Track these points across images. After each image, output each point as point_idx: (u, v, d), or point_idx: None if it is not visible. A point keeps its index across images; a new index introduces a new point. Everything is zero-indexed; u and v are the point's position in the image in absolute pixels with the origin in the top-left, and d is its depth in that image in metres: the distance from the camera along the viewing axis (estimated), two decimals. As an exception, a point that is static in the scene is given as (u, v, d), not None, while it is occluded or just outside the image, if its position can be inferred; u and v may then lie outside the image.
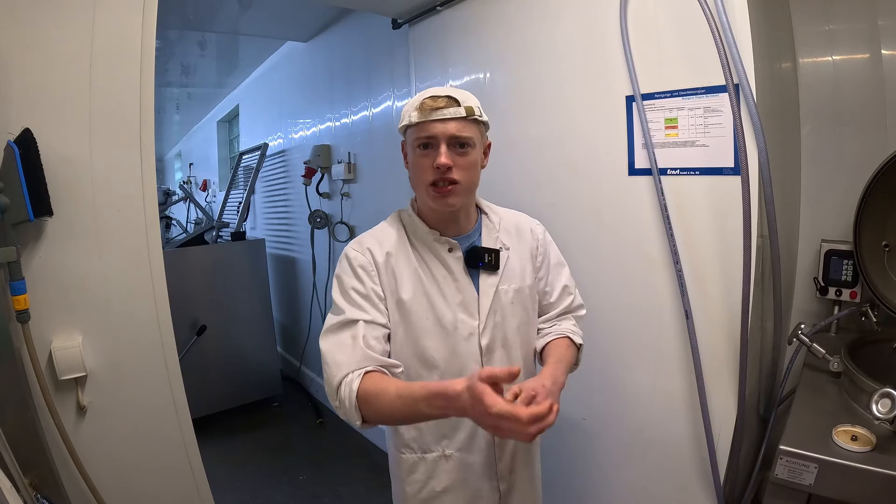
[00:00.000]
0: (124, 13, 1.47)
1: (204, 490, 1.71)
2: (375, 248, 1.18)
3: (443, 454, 1.22)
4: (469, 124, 1.13)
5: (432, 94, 1.13)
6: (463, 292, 1.19)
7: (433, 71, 2.40)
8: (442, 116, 1.10)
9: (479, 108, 1.15)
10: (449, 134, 1.11)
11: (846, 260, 1.62)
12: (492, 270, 1.22)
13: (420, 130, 1.12)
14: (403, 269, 1.18)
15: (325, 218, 3.60)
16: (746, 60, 1.33)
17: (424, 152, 1.14)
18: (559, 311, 1.35)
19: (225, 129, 6.43)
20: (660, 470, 1.66)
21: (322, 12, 3.25)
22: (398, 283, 1.17)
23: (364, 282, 1.15)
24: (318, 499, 2.78)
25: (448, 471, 1.22)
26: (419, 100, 1.14)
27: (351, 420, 1.05)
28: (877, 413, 1.06)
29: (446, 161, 1.10)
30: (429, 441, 1.22)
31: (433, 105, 1.11)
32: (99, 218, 1.47)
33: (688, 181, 1.50)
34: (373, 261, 1.17)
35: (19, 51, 1.35)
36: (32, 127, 1.34)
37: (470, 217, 1.26)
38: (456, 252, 1.21)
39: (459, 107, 1.11)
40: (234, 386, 3.74)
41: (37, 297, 1.39)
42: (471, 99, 1.15)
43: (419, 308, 1.17)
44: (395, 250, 1.19)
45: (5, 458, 1.24)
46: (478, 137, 1.16)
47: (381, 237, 1.22)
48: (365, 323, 1.11)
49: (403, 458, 1.24)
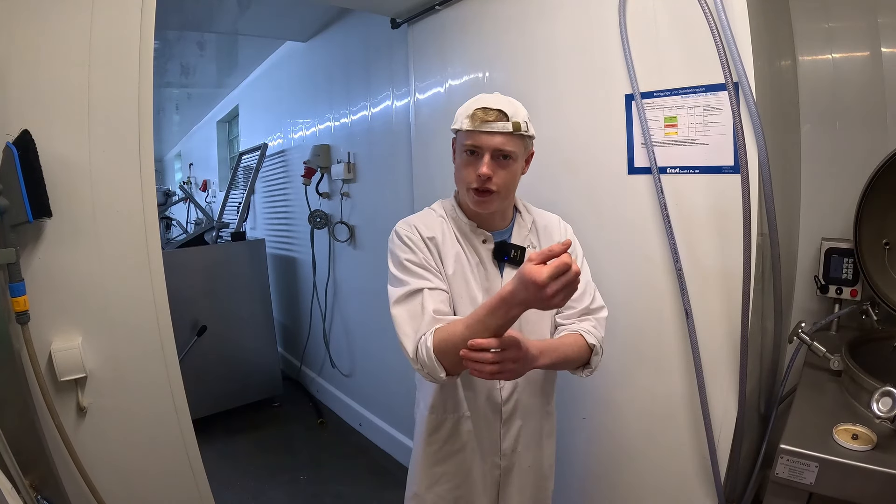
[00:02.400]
0: (123, 14, 1.46)
1: (204, 490, 1.71)
2: (422, 228, 1.29)
3: (463, 414, 1.34)
4: (514, 139, 1.21)
5: (484, 106, 1.20)
6: (490, 280, 1.30)
7: (432, 70, 2.40)
8: (490, 129, 1.18)
9: (526, 123, 1.23)
10: (494, 146, 1.19)
11: (846, 258, 1.62)
12: (516, 265, 1.29)
13: (468, 138, 1.22)
14: (448, 250, 1.29)
15: (324, 218, 3.59)
16: (746, 58, 1.32)
17: (470, 158, 1.23)
18: (579, 310, 1.37)
19: (224, 130, 6.43)
20: (660, 469, 1.66)
21: (321, 12, 3.25)
22: (443, 261, 1.28)
23: (416, 253, 1.25)
24: (319, 498, 2.78)
25: (466, 432, 1.35)
26: (472, 108, 1.22)
27: (435, 375, 1.14)
28: (877, 412, 1.06)
29: (488, 172, 1.19)
30: (453, 404, 1.34)
31: (484, 117, 1.19)
32: (98, 219, 1.47)
33: (687, 180, 1.49)
34: (420, 237, 1.27)
35: (18, 52, 1.35)
36: (31, 128, 1.34)
37: (506, 217, 1.36)
38: (489, 244, 1.32)
39: (508, 122, 1.19)
40: (234, 386, 3.74)
41: (36, 299, 1.38)
42: (520, 113, 1.23)
43: (458, 287, 1.27)
44: (439, 233, 1.30)
45: (5, 460, 1.24)
46: (521, 150, 1.25)
47: (425, 220, 1.33)
48: (429, 290, 1.20)
49: (433, 417, 1.36)
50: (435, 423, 1.36)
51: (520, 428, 1.37)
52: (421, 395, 1.42)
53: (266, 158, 4.47)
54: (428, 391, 1.37)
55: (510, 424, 1.36)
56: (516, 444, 1.38)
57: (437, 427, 1.36)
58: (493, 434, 1.36)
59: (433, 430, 1.36)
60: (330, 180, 3.54)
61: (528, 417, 1.39)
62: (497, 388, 1.33)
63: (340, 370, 3.66)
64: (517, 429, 1.37)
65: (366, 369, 3.45)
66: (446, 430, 1.36)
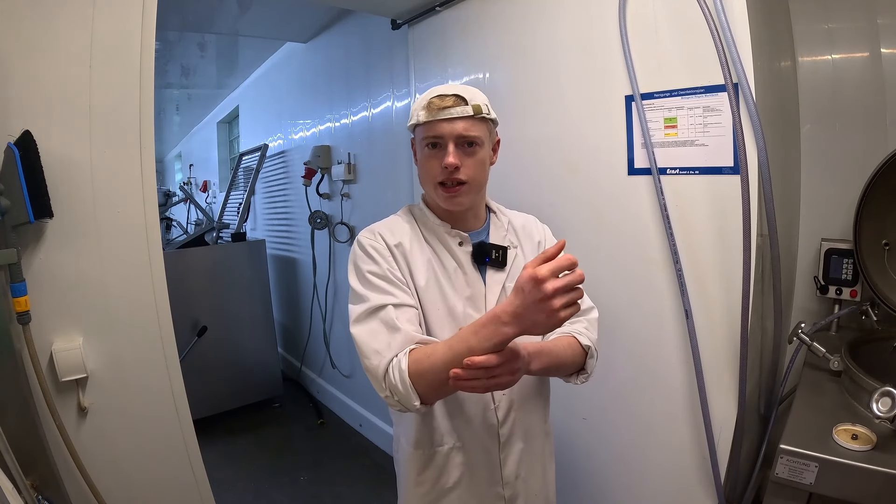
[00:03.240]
0: (124, 15, 1.47)
1: (205, 490, 1.71)
2: (387, 236, 1.17)
3: (454, 446, 1.19)
4: (477, 123, 1.12)
5: (440, 93, 1.12)
6: (472, 286, 1.18)
7: (432, 71, 2.40)
8: (449, 116, 1.09)
9: (486, 106, 1.14)
10: (456, 133, 1.10)
11: (846, 259, 1.63)
12: (499, 267, 1.20)
13: (428, 130, 1.12)
14: (417, 258, 1.16)
15: (325, 218, 3.60)
16: (745, 59, 1.33)
17: (432, 152, 1.13)
18: None
19: (225, 131, 6.43)
20: (660, 469, 1.66)
21: (321, 13, 3.25)
22: (412, 271, 1.15)
23: (381, 264, 1.12)
24: (319, 499, 2.78)
25: (458, 465, 1.19)
26: (427, 98, 1.13)
27: (408, 403, 1.00)
28: (877, 412, 1.06)
29: (454, 161, 1.09)
30: (443, 433, 1.18)
31: (440, 104, 1.10)
32: (99, 219, 1.47)
33: (687, 180, 1.50)
34: (386, 246, 1.15)
35: (19, 53, 1.35)
36: (32, 129, 1.34)
37: (479, 215, 1.25)
38: (466, 246, 1.20)
39: (467, 105, 1.10)
40: (234, 387, 3.74)
41: (37, 299, 1.39)
42: (479, 96, 1.14)
43: (432, 297, 1.15)
44: (408, 239, 1.18)
45: (7, 460, 1.24)
46: (486, 135, 1.15)
47: (391, 227, 1.20)
48: (394, 307, 1.07)
49: (417, 454, 1.20)
50: (422, 461, 1.20)
51: (521, 451, 1.23)
52: (401, 429, 1.26)
53: (266, 159, 4.47)
54: (409, 425, 1.20)
55: (510, 448, 1.21)
56: (519, 468, 1.23)
57: (426, 465, 1.20)
58: (493, 461, 1.20)
59: (421, 469, 1.20)
60: (330, 181, 3.54)
61: (529, 439, 1.25)
62: (492, 409, 1.18)
63: (341, 371, 3.66)
64: (518, 452, 1.22)
65: (366, 370, 3.44)
66: (436, 467, 1.19)
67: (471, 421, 1.18)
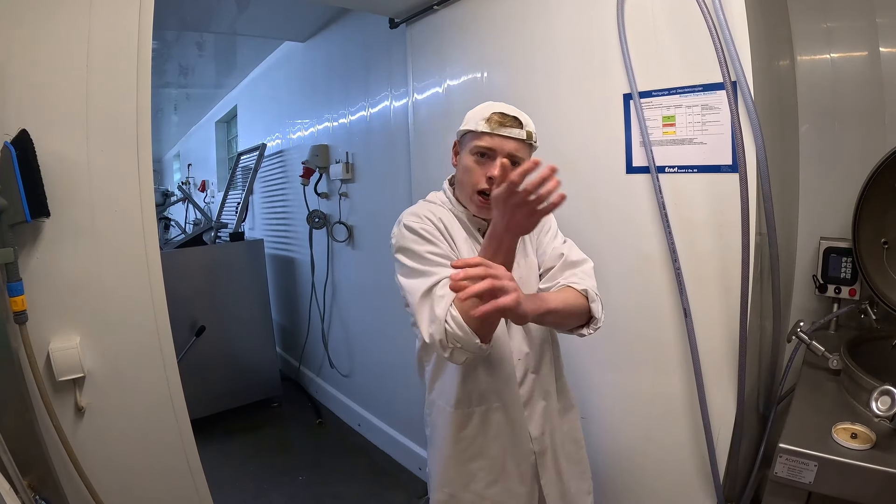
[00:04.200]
0: (121, 14, 1.46)
1: (203, 490, 1.70)
2: (431, 217, 1.26)
3: (493, 405, 1.32)
4: (525, 147, 1.24)
5: (502, 111, 1.23)
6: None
7: (430, 70, 2.40)
8: (508, 134, 1.21)
9: (535, 135, 1.26)
10: (507, 151, 1.21)
11: (845, 257, 1.63)
12: None
13: (483, 140, 1.22)
14: (458, 236, 1.28)
15: (323, 218, 3.59)
16: (744, 58, 1.32)
17: (481, 160, 1.23)
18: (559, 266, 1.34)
19: (223, 130, 6.42)
20: (659, 468, 1.66)
21: (319, 12, 3.25)
22: (457, 249, 1.26)
23: (439, 245, 1.22)
24: (318, 499, 2.77)
25: (496, 422, 1.32)
26: (488, 111, 1.23)
27: (471, 346, 1.08)
28: (876, 410, 1.06)
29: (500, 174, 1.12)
30: (484, 392, 1.31)
31: (501, 121, 1.21)
32: (96, 219, 1.46)
33: (686, 179, 1.50)
34: (434, 227, 1.25)
35: (16, 52, 1.35)
36: (29, 128, 1.33)
37: None
38: (484, 230, 1.31)
39: (522, 129, 1.22)
40: (233, 386, 3.73)
41: (34, 299, 1.38)
42: (531, 124, 1.26)
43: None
44: (448, 219, 1.29)
45: (4, 460, 1.23)
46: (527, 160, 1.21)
47: (433, 210, 1.30)
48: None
49: (459, 412, 1.32)
50: (462, 419, 1.33)
51: (543, 408, 1.36)
52: (437, 392, 1.38)
53: (264, 159, 4.46)
54: (448, 386, 1.33)
55: (532, 406, 1.35)
56: (545, 424, 1.36)
57: (465, 422, 1.33)
58: (521, 420, 1.33)
59: (461, 426, 1.33)
60: (328, 180, 3.54)
61: (548, 396, 1.38)
62: (511, 370, 1.30)
63: (339, 370, 3.66)
64: (541, 409, 1.36)
65: (365, 369, 3.45)
66: (475, 425, 1.33)
67: (504, 383, 1.31)
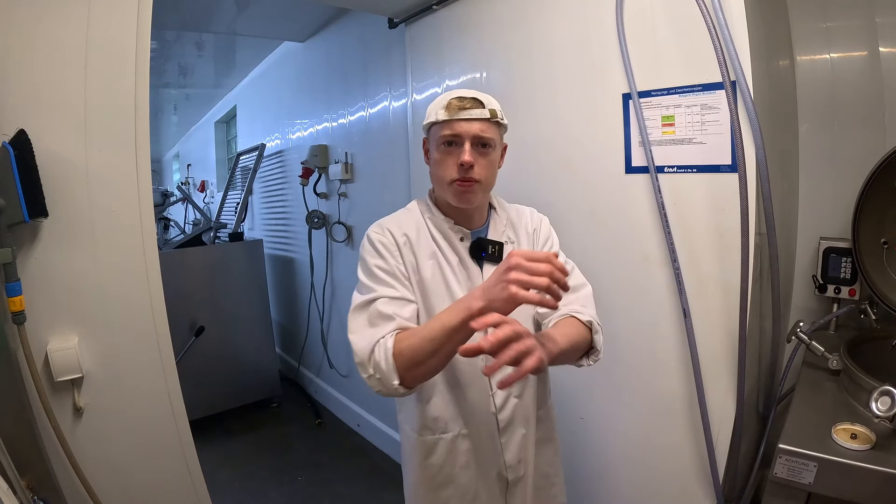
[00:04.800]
0: (119, 14, 1.46)
1: (202, 491, 1.70)
2: (395, 230, 1.23)
3: (459, 433, 1.25)
4: (492, 126, 1.18)
5: (459, 95, 1.18)
6: (472, 280, 1.24)
7: (429, 70, 2.39)
8: (468, 116, 1.15)
9: (501, 112, 1.20)
10: (473, 133, 1.16)
11: (845, 257, 1.62)
12: (495, 261, 1.24)
13: (446, 128, 1.17)
14: (423, 250, 1.23)
15: (322, 218, 3.59)
16: (743, 57, 1.32)
17: (449, 149, 1.18)
18: None
19: (222, 130, 6.42)
20: (659, 469, 1.66)
21: (319, 12, 3.25)
22: (419, 263, 1.22)
23: (387, 259, 1.19)
24: (317, 499, 2.78)
25: (463, 451, 1.26)
26: (446, 99, 1.19)
27: (388, 382, 1.05)
28: (876, 411, 1.06)
29: (470, 159, 1.15)
30: (447, 419, 1.25)
31: (460, 105, 1.16)
32: (94, 219, 1.46)
33: (685, 179, 1.49)
34: (394, 241, 1.22)
35: (14, 52, 1.34)
36: (27, 128, 1.33)
37: (483, 214, 1.31)
38: (466, 242, 1.26)
39: (484, 108, 1.17)
40: (232, 387, 3.73)
41: (33, 299, 1.38)
42: (494, 102, 1.21)
43: (438, 288, 1.21)
44: (415, 233, 1.24)
45: (2, 461, 1.23)
46: (498, 139, 1.21)
47: (400, 221, 1.27)
48: (391, 299, 1.14)
49: (423, 440, 1.26)
50: (427, 446, 1.26)
51: (522, 436, 1.28)
52: (404, 416, 1.32)
53: (264, 159, 4.46)
54: (411, 411, 1.28)
55: (510, 433, 1.27)
56: (521, 453, 1.28)
57: (430, 450, 1.26)
58: (495, 447, 1.26)
59: (427, 454, 1.26)
60: (327, 180, 3.54)
61: (529, 424, 1.30)
62: (489, 396, 1.24)
63: (338, 371, 3.65)
64: (520, 437, 1.28)
65: (364, 370, 3.44)
66: (441, 453, 1.26)
67: (472, 409, 1.24)
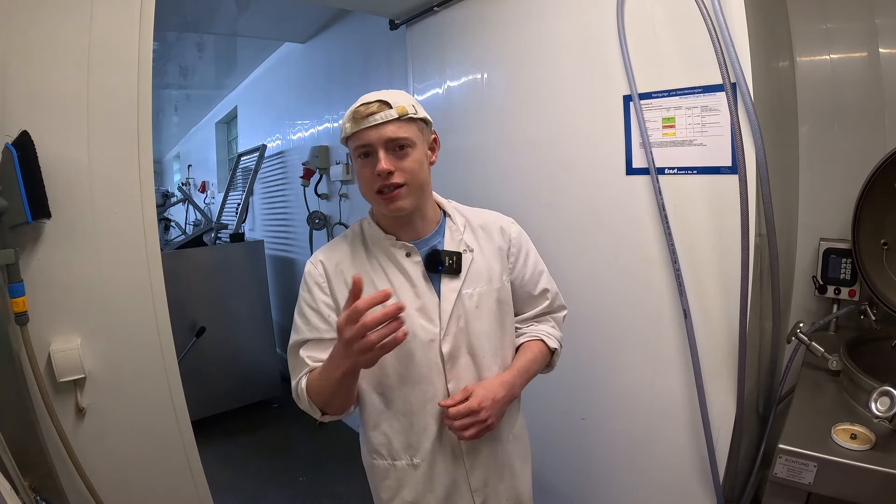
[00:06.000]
0: (121, 15, 1.47)
1: (203, 492, 1.70)
2: (326, 260, 1.19)
3: (410, 463, 1.18)
4: (405, 124, 1.10)
5: (364, 102, 1.11)
6: (422, 298, 1.15)
7: (430, 71, 2.40)
8: (374, 122, 1.07)
9: (413, 106, 1.12)
10: (385, 138, 1.08)
11: (845, 258, 1.62)
12: (454, 274, 1.17)
13: (357, 140, 1.10)
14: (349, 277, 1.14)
15: (323, 219, 3.59)
16: (743, 59, 1.33)
17: (365, 161, 1.12)
18: (538, 311, 1.31)
19: (223, 131, 6.43)
20: (659, 469, 1.66)
21: (320, 13, 3.25)
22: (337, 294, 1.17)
23: (314, 295, 1.17)
24: (318, 500, 2.78)
25: (416, 481, 1.19)
26: (352, 109, 1.12)
27: (314, 414, 1.15)
28: (876, 411, 1.06)
29: (386, 167, 1.07)
30: (396, 448, 1.19)
31: (365, 112, 1.08)
32: (97, 220, 1.47)
33: (685, 180, 1.50)
34: (323, 272, 1.18)
35: (16, 53, 1.35)
36: (30, 129, 1.33)
37: (428, 218, 1.21)
38: (414, 257, 1.17)
39: (391, 109, 1.08)
40: (233, 387, 3.73)
41: (35, 300, 1.38)
42: (403, 98, 1.12)
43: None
44: (347, 259, 1.19)
45: (5, 461, 1.23)
46: (417, 136, 1.13)
47: (333, 248, 1.22)
48: (313, 342, 1.16)
49: (376, 464, 1.22)
50: (383, 470, 1.21)
51: (487, 457, 1.21)
52: (362, 438, 1.27)
53: (265, 160, 4.46)
54: (363, 435, 1.24)
55: (475, 455, 1.20)
56: (487, 475, 1.21)
57: (385, 475, 1.21)
58: (458, 471, 1.19)
59: (383, 478, 1.21)
60: (328, 181, 3.54)
61: (495, 443, 1.22)
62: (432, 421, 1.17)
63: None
64: (485, 458, 1.21)
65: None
66: (396, 479, 1.20)
67: (428, 435, 1.17)
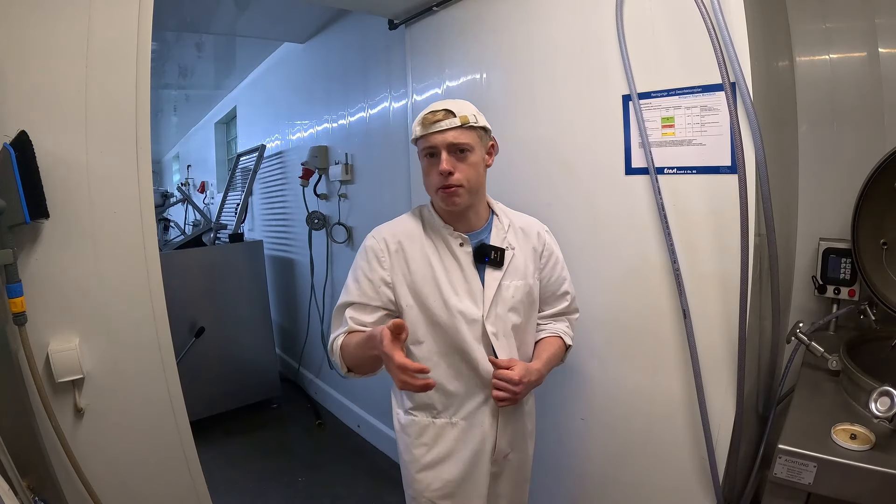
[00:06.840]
0: (120, 15, 1.46)
1: (202, 492, 1.70)
2: (389, 237, 1.36)
3: (450, 421, 1.36)
4: (465, 131, 1.27)
5: (432, 109, 1.29)
6: (469, 282, 1.34)
7: (429, 72, 2.40)
8: (440, 128, 1.26)
9: (474, 116, 1.29)
10: (447, 142, 1.26)
11: (844, 258, 1.63)
12: (497, 266, 1.36)
13: (423, 142, 1.29)
14: (416, 256, 1.34)
15: (322, 219, 3.59)
16: (743, 59, 1.33)
17: (430, 161, 1.30)
18: (557, 310, 1.51)
19: (223, 131, 6.42)
20: (658, 469, 1.66)
21: (319, 13, 3.25)
22: (410, 268, 1.34)
23: (373, 265, 1.34)
24: (317, 500, 2.77)
25: (453, 438, 1.36)
26: (421, 115, 1.30)
27: (340, 369, 1.35)
28: (875, 411, 1.06)
29: (447, 167, 1.25)
30: (439, 407, 1.36)
31: (432, 119, 1.27)
32: (95, 220, 1.46)
33: (685, 180, 1.50)
34: (385, 248, 1.34)
35: (15, 53, 1.34)
36: (28, 129, 1.33)
37: (480, 215, 1.40)
38: (466, 247, 1.36)
39: (455, 117, 1.26)
40: (232, 388, 3.72)
41: (34, 300, 1.38)
42: (466, 108, 1.30)
43: (428, 290, 1.32)
44: (409, 239, 1.36)
45: (3, 462, 1.23)
46: (476, 142, 1.30)
47: (396, 228, 1.39)
48: (359, 305, 1.34)
49: (416, 420, 1.38)
50: (422, 426, 1.38)
51: (514, 429, 1.42)
52: (396, 398, 1.46)
53: (264, 160, 4.46)
54: (403, 393, 1.41)
55: (507, 427, 1.40)
56: (510, 446, 1.41)
57: (423, 431, 1.38)
58: (488, 439, 1.36)
59: (419, 434, 1.38)
60: (328, 182, 3.54)
61: (518, 418, 1.43)
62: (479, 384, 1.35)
63: (338, 372, 3.64)
64: (511, 431, 1.41)
65: (364, 370, 3.44)
66: (432, 435, 1.37)
67: (473, 398, 1.36)
